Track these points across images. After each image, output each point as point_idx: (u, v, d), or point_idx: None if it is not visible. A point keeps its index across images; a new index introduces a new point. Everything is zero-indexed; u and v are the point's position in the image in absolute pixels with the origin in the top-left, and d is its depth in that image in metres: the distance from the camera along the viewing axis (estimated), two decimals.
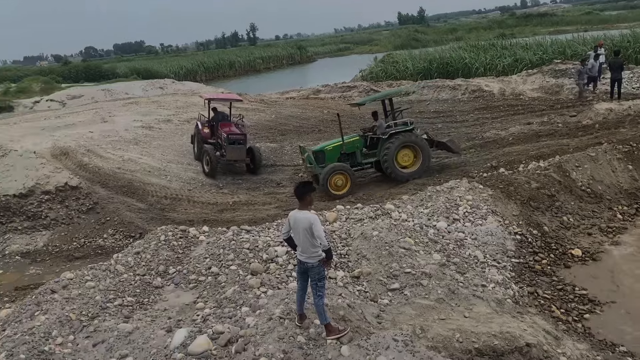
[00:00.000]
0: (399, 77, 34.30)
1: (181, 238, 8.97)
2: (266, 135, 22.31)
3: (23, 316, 7.07)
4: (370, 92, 29.60)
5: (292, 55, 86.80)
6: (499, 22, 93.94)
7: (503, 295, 7.64)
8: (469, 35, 67.22)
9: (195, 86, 41.50)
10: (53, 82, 45.51)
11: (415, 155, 14.72)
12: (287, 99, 30.57)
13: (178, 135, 21.18)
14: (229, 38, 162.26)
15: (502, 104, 23.55)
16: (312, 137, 21.50)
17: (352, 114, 25.22)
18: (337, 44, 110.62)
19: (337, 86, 32.15)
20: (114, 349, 6.28)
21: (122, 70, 62.22)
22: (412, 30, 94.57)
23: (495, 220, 9.59)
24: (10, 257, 12.91)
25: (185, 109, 25.83)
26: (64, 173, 14.31)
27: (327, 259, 5.89)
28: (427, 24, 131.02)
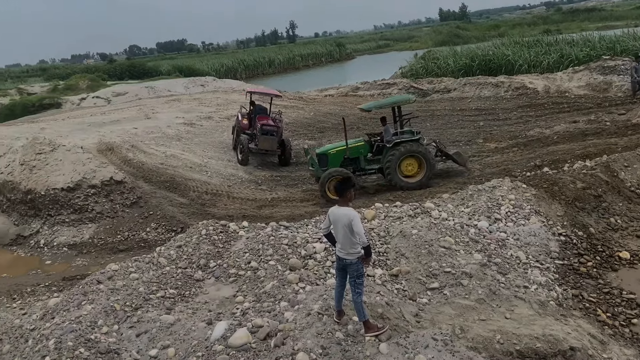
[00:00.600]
0: (439, 74, 33.80)
1: (221, 233, 9.11)
2: (304, 133, 22.40)
3: (71, 305, 7.33)
4: (410, 89, 29.33)
5: (331, 53, 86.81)
6: (544, 18, 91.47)
7: (546, 297, 7.44)
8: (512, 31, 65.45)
9: (236, 84, 42.04)
10: (99, 80, 46.85)
11: (419, 165, 14.37)
12: (326, 97, 30.60)
13: (218, 132, 21.51)
14: (268, 36, 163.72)
15: (547, 102, 22.94)
16: (350, 135, 21.40)
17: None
18: (376, 41, 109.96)
19: (376, 83, 31.96)
20: (156, 340, 6.44)
21: (164, 68, 63.52)
22: (454, 27, 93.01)
23: (538, 220, 9.34)
24: (58, 249, 13.41)
25: (226, 106, 26.20)
26: (109, 168, 14.73)
27: (366, 256, 5.87)
28: (469, 20, 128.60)
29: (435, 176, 14.81)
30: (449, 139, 19.25)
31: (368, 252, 5.87)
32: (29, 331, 7.14)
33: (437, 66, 35.80)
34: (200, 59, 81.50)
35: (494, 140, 18.29)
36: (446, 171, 15.56)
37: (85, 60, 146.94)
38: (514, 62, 32.78)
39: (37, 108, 35.37)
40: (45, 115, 31.01)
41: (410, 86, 29.70)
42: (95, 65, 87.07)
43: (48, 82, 51.40)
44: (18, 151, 15.47)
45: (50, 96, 38.72)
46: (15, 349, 6.94)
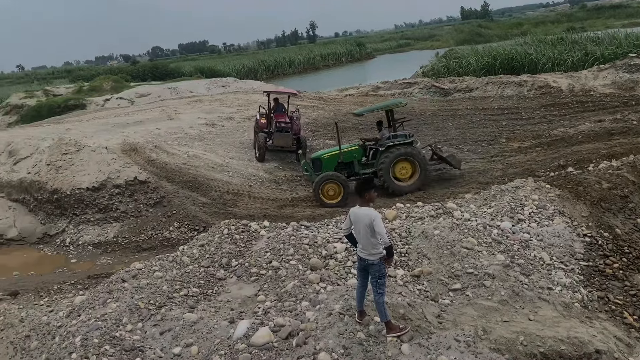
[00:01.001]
0: (461, 73, 33.49)
1: (243, 232, 9.17)
2: (324, 133, 22.41)
3: (96, 303, 7.47)
4: (431, 89, 29.14)
5: (351, 52, 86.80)
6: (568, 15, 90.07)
7: (571, 299, 7.33)
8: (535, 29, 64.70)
9: (256, 84, 42.25)
10: (122, 81, 47.51)
11: (413, 168, 14.26)
12: (346, 96, 30.55)
13: (239, 132, 21.65)
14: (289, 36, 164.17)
15: (571, 101, 22.56)
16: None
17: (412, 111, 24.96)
18: (397, 40, 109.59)
19: (397, 83, 31.79)
20: (180, 338, 6.52)
21: (186, 69, 64.23)
22: (475, 25, 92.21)
23: (562, 221, 9.20)
24: (83, 247, 13.67)
25: (247, 107, 26.36)
26: (133, 168, 14.95)
27: (388, 257, 5.85)
28: (491, 18, 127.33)
29: (431, 180, 14.70)
30: (471, 139, 19.10)
31: (390, 253, 5.85)
32: (55, 328, 7.30)
33: (458, 65, 35.48)
34: (222, 60, 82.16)
35: (517, 140, 18.08)
36: (441, 175, 15.42)
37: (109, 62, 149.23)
38: (537, 60, 32.34)
39: (63, 109, 36.02)
40: (70, 116, 31.59)
41: (431, 85, 29.49)
42: (119, 66, 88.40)
43: (73, 84, 52.32)
44: (44, 152, 15.79)
45: (75, 97, 39.38)
46: (42, 345, 7.10)
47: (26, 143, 16.66)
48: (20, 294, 10.37)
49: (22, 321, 7.91)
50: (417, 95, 28.87)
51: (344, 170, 14.78)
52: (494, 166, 15.33)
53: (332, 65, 79.07)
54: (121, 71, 62.05)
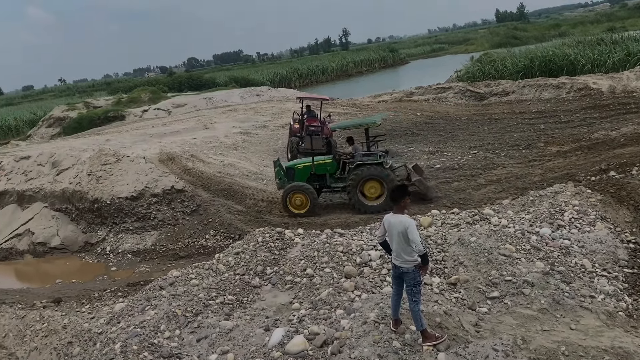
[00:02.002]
0: (497, 77, 32.93)
1: (277, 240, 9.22)
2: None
3: (135, 310, 7.63)
4: (466, 93, 28.77)
5: (384, 58, 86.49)
6: (608, 15, 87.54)
7: (614, 308, 7.07)
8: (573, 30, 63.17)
9: (290, 92, 42.58)
10: (159, 92, 48.64)
11: (382, 188, 14.00)
12: (379, 103, 30.43)
13: (273, 140, 21.84)
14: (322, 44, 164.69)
15: (612, 103, 21.88)
16: (404, 140, 21.29)
17: (447, 116, 24.70)
18: (430, 45, 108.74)
19: (431, 88, 31.52)
20: (216, 345, 6.59)
21: (221, 79, 65.25)
22: (511, 28, 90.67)
23: (605, 227, 8.91)
24: (122, 255, 13.98)
25: (280, 115, 26.59)
26: (170, 177, 15.24)
27: (423, 264, 5.78)
28: (527, 20, 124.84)
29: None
30: (507, 143, 18.73)
31: (425, 260, 5.78)
32: (97, 335, 7.48)
33: (494, 68, 34.90)
34: (256, 69, 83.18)
35: (555, 144, 17.63)
36: (477, 180, 15.09)
37: (147, 74, 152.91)
38: (576, 62, 31.50)
39: (103, 120, 37.10)
40: (110, 127, 32.53)
41: (466, 89, 29.12)
42: (156, 78, 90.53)
43: (112, 96, 53.88)
44: (85, 162, 16.26)
45: (115, 109, 40.51)
46: (84, 351, 7.28)
47: (68, 154, 17.21)
48: (63, 301, 10.66)
49: (64, 328, 8.14)
50: (451, 100, 28.54)
51: (317, 182, 14.77)
52: (532, 171, 14.98)
53: (364, 71, 78.97)
54: (158, 82, 63.53)
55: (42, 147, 22.30)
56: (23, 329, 8.63)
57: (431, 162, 17.80)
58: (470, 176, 15.61)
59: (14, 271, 14.53)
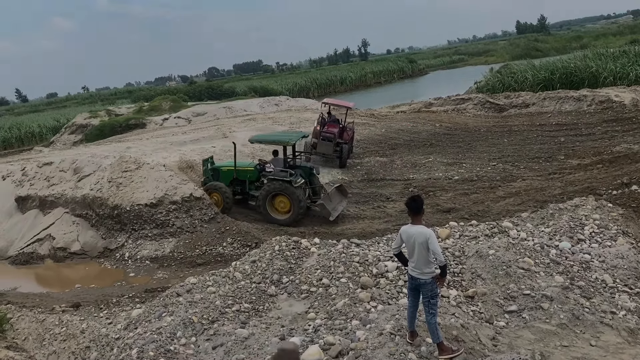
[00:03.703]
0: (517, 89, 32.73)
1: (294, 249, 9.23)
2: (375, 150, 22.37)
3: (152, 316, 7.69)
4: (485, 104, 28.60)
5: (402, 69, 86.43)
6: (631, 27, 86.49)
7: (636, 325, 6.93)
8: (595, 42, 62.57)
9: (308, 102, 42.76)
10: (180, 101, 49.17)
11: (290, 204, 14.50)
12: (398, 113, 30.41)
13: None
14: (341, 54, 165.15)
15: (635, 116, 21.58)
16: (422, 151, 21.21)
17: (466, 128, 24.58)
18: (450, 56, 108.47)
19: (450, 99, 31.42)
20: (232, 353, 6.61)
21: (241, 88, 65.76)
22: (532, 39, 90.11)
23: (626, 242, 8.77)
24: (141, 262, 14.08)
25: (298, 124, 26.66)
26: (189, 185, 15.34)
27: (441, 276, 5.75)
28: (548, 32, 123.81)
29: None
30: (527, 155, 18.56)
31: (444, 272, 5.75)
32: (114, 340, 7.55)
33: (514, 80, 34.69)
34: (275, 79, 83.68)
35: (576, 157, 17.42)
36: (495, 192, 14.94)
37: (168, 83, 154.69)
38: (597, 74, 31.16)
39: (124, 128, 37.60)
40: (131, 134, 32.95)
41: (486, 101, 28.97)
42: (177, 87, 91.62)
43: (134, 104, 54.65)
44: (106, 169, 16.46)
45: (136, 117, 41.05)
46: (101, 356, 7.36)
47: (89, 161, 17.44)
48: (82, 305, 10.77)
49: (82, 332, 8.23)
50: (471, 111, 28.42)
51: (238, 186, 15.55)
52: (552, 184, 14.80)
53: (383, 82, 78.99)
54: (179, 91, 64.25)
55: (64, 153, 22.68)
56: (42, 333, 8.74)
57: (449, 173, 17.70)
58: (489, 188, 15.49)
59: (35, 275, 14.72)
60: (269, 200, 14.77)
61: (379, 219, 14.51)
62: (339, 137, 20.48)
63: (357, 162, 20.71)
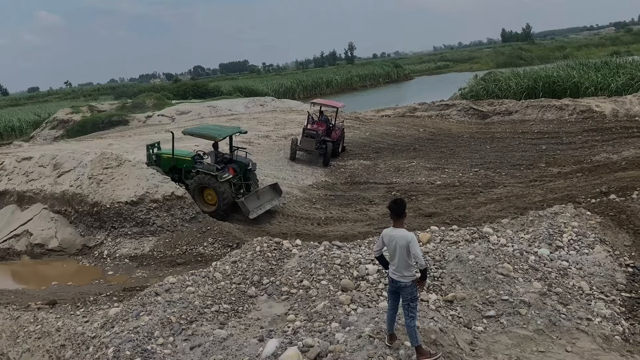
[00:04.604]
0: (500, 96, 33.09)
1: (275, 250, 9.20)
2: (360, 153, 22.44)
3: (129, 315, 7.59)
4: (469, 111, 28.86)
5: (388, 74, 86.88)
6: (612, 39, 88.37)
7: (611, 331, 7.03)
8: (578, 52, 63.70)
9: (294, 104, 42.78)
10: (164, 99, 48.83)
11: (217, 197, 15.03)
12: (383, 117, 30.55)
13: (275, 150, 21.87)
14: (327, 57, 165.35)
15: (615, 126, 21.97)
16: (406, 156, 21.33)
17: (450, 133, 24.78)
18: (435, 62, 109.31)
19: (434, 104, 31.67)
20: (209, 354, 6.54)
21: (226, 88, 65.48)
22: (516, 48, 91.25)
23: (603, 250, 8.90)
24: (120, 260, 13.93)
25: (283, 126, 26.65)
26: (170, 183, 15.21)
27: (421, 279, 5.78)
28: (532, 41, 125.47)
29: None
30: (509, 162, 18.77)
31: (424, 276, 5.78)
32: (90, 338, 7.43)
33: (498, 88, 35.07)
34: (261, 80, 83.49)
35: (557, 165, 17.66)
36: (477, 198, 15.09)
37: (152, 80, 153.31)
38: (579, 84, 31.66)
39: (106, 124, 37.23)
40: (113, 131, 32.63)
41: (469, 107, 29.25)
42: (162, 84, 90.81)
43: (117, 100, 54.06)
44: (87, 165, 16.25)
45: (119, 114, 40.64)
46: (77, 355, 7.24)
47: (70, 157, 17.19)
48: (58, 303, 10.61)
49: (58, 330, 8.09)
50: (454, 117, 28.66)
51: (176, 174, 15.96)
52: (533, 191, 14.98)
53: (369, 85, 79.28)
54: (163, 89, 63.77)
55: (44, 148, 22.35)
56: (16, 330, 8.58)
57: (432, 178, 17.82)
58: (470, 194, 15.62)
59: (10, 272, 14.48)
60: (198, 191, 15.21)
61: (362, 221, 14.55)
62: (326, 135, 21.16)
63: (341, 165, 20.76)
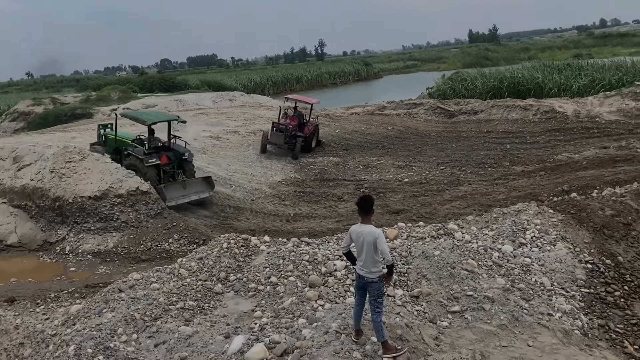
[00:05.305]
0: (467, 96, 33.66)
1: (243, 246, 9.12)
2: (329, 150, 22.48)
3: (92, 312, 7.41)
4: (436, 110, 29.22)
5: (358, 72, 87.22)
6: (575, 42, 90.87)
7: (571, 326, 7.24)
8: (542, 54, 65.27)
9: (263, 99, 42.47)
10: (130, 92, 47.77)
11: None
12: (352, 114, 30.67)
13: (244, 146, 21.72)
14: (297, 53, 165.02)
15: (577, 126, 22.60)
16: (375, 153, 21.46)
17: (417, 132, 25.05)
18: (404, 61, 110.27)
19: (402, 103, 31.95)
20: (174, 351, 6.45)
21: (194, 82, 64.54)
22: (483, 49, 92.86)
23: (564, 246, 9.14)
24: (82, 256, 13.61)
25: (252, 121, 26.47)
26: (135, 178, 14.93)
27: (387, 275, 5.82)
28: (498, 42, 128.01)
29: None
30: (474, 161, 19.08)
31: (391, 271, 5.82)
32: (50, 336, 7.24)
33: (464, 87, 35.67)
34: (229, 74, 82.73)
35: (520, 164, 18.06)
36: (443, 196, 15.35)
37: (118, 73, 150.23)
38: (543, 85, 32.47)
39: (69, 117, 36.17)
40: (77, 124, 31.74)
41: (436, 106, 29.62)
42: (127, 77, 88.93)
43: (81, 93, 52.70)
44: (49, 159, 15.82)
45: (83, 106, 39.58)
46: (36, 353, 7.04)
47: (31, 150, 16.69)
48: (17, 300, 10.30)
49: (17, 328, 7.85)
50: (422, 116, 28.98)
51: (118, 155, 16.48)
52: (497, 189, 15.29)
53: (339, 83, 79.45)
54: (129, 82, 62.39)
55: (3, 141, 21.60)
56: None
57: (400, 175, 18.00)
58: (436, 191, 15.83)
59: None
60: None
61: (331, 218, 14.58)
62: (299, 130, 21.50)
63: (311, 162, 20.76)
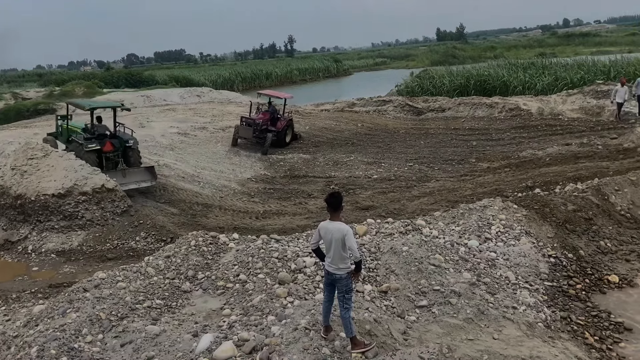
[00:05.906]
0: (435, 93, 34.05)
1: (211, 244, 9.05)
2: (299, 147, 22.45)
3: (55, 313, 7.24)
4: (405, 107, 29.49)
5: (328, 68, 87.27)
6: (539, 41, 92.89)
7: (534, 319, 7.43)
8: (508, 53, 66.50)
9: (232, 95, 42.13)
10: (95, 87, 46.72)
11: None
12: (322, 111, 30.68)
13: (212, 142, 21.50)
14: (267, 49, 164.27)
15: (540, 124, 23.14)
16: (344, 150, 21.54)
17: (386, 129, 25.23)
18: (373, 58, 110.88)
19: (372, 100, 32.12)
20: (141, 350, 6.36)
21: (161, 77, 63.57)
22: (450, 47, 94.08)
23: (528, 241, 9.37)
24: (46, 255, 13.24)
25: (221, 117, 26.22)
26: (101, 175, 14.62)
27: (356, 271, 5.85)
28: (465, 40, 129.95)
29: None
30: (442, 157, 19.34)
31: (359, 268, 5.85)
32: (11, 338, 7.04)
33: (432, 85, 36.09)
34: (198, 70, 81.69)
35: (486, 160, 18.39)
36: (411, 192, 15.57)
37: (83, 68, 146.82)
38: (508, 83, 33.11)
39: (32, 113, 35.19)
40: (39, 120, 30.87)
41: (405, 104, 29.89)
42: (93, 72, 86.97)
43: (44, 88, 51.26)
44: (10, 156, 15.37)
45: (46, 102, 38.57)
46: None
47: None
48: None
49: None
50: (391, 113, 29.21)
51: (71, 144, 16.79)
52: (464, 185, 15.53)
53: (309, 80, 79.32)
54: (94, 77, 61.04)
55: None
56: None
57: (369, 172, 18.11)
58: (405, 187, 15.99)
59: None
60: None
61: (300, 215, 14.57)
62: (271, 125, 21.88)
63: (281, 158, 20.69)
